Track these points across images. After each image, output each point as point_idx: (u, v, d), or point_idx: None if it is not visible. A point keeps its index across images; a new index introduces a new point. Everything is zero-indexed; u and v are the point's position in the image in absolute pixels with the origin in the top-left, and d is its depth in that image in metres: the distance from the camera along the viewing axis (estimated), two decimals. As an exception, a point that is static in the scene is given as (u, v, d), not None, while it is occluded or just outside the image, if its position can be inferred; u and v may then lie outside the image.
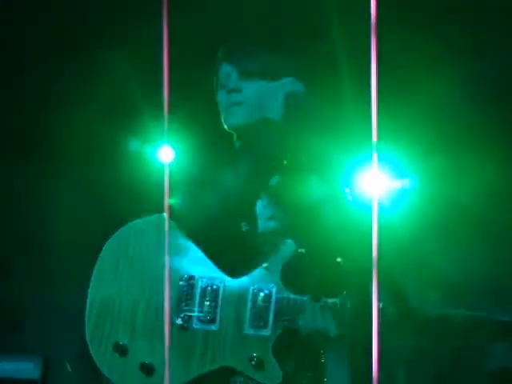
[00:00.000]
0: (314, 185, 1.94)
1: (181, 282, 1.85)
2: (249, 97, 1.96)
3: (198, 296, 1.84)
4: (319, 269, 1.90)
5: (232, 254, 1.89)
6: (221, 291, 1.83)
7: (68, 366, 1.99)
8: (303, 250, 1.85)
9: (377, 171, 1.62)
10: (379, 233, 1.36)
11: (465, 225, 3.26)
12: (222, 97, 2.02)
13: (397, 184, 1.98)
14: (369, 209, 1.48)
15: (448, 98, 2.99)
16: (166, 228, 1.88)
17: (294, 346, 1.84)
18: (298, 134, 1.96)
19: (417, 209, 2.46)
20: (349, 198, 1.90)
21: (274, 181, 1.97)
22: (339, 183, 1.92)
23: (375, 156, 1.41)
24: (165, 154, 4.90)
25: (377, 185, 1.71)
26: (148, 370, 1.82)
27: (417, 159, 2.43)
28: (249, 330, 1.80)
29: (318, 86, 2.04)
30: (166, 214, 1.84)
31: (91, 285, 1.94)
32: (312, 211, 1.91)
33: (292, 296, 1.80)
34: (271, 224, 1.93)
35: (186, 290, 1.85)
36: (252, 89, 1.96)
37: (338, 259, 1.85)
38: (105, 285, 1.92)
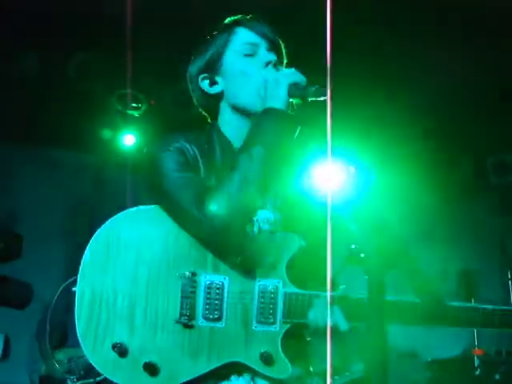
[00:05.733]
0: None
1: (183, 280, 1.78)
2: None
3: (202, 293, 1.78)
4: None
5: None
6: (226, 288, 1.79)
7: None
8: (304, 243, 1.82)
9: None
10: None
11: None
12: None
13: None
14: None
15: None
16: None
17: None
18: None
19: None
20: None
21: None
22: None
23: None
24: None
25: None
26: (152, 369, 1.77)
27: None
28: (257, 326, 1.77)
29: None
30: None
31: (80, 277, 1.82)
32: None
33: (301, 291, 1.78)
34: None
35: (189, 288, 1.78)
36: None
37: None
38: (96, 277, 1.81)
